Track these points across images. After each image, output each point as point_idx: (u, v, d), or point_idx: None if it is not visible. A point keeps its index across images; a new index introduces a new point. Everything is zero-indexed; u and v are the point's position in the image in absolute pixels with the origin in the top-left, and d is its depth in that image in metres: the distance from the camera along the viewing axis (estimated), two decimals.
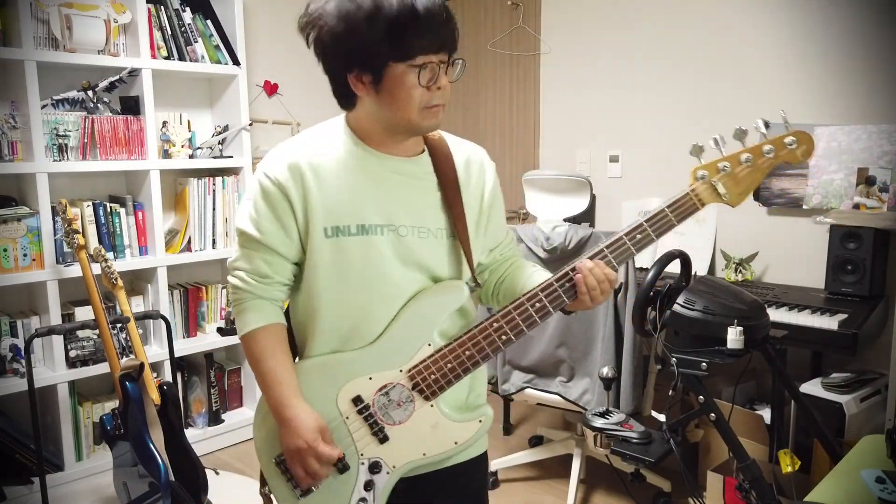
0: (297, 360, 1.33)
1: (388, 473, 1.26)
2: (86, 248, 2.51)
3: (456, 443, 1.27)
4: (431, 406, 1.25)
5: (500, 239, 1.41)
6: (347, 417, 1.25)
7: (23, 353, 2.64)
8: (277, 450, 1.28)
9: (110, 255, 2.86)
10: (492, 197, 1.35)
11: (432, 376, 1.24)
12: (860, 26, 2.61)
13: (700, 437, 2.64)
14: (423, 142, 1.30)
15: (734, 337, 1.82)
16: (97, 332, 2.66)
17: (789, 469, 1.92)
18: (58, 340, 2.72)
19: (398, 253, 1.23)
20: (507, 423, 3.39)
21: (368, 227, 1.22)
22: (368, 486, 1.26)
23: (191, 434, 2.85)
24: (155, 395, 2.33)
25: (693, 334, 1.93)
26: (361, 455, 1.25)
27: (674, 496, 2.64)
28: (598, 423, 2.17)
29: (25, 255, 2.65)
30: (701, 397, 1.89)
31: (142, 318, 2.65)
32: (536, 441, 3.23)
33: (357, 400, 1.25)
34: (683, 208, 1.24)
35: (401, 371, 1.24)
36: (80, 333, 2.75)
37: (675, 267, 2.20)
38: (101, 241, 2.85)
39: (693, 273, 2.18)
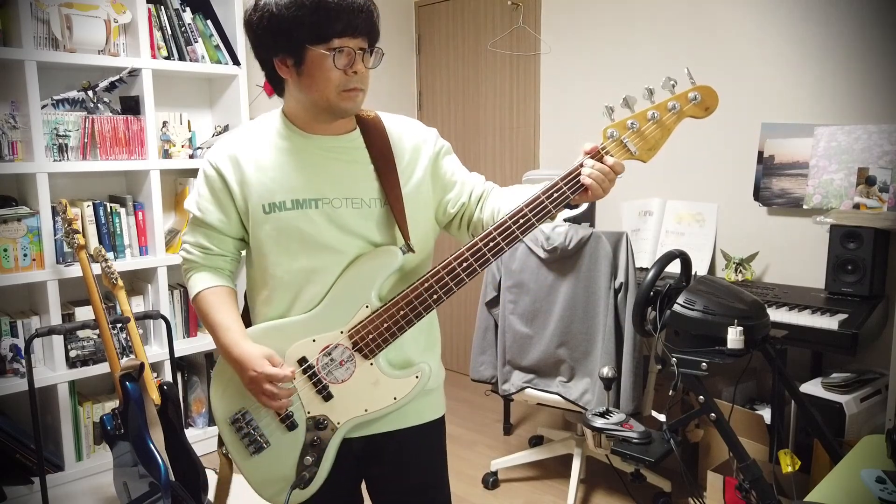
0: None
1: (333, 430, 1.35)
2: (86, 248, 2.51)
3: (395, 398, 1.35)
4: (371, 364, 1.34)
5: (466, 188, 1.46)
6: (294, 377, 1.34)
7: (23, 353, 2.64)
8: (232, 409, 1.39)
9: (110, 255, 2.86)
10: (433, 162, 1.42)
11: (370, 335, 1.32)
12: (860, 26, 2.61)
13: (700, 437, 2.64)
14: (356, 121, 1.39)
15: (734, 337, 1.82)
16: (97, 332, 2.66)
17: (789, 469, 1.92)
18: (58, 340, 2.72)
19: (334, 223, 1.33)
20: (508, 423, 3.39)
21: (302, 202, 1.32)
22: (315, 441, 1.35)
23: (191, 434, 2.85)
24: (155, 395, 2.33)
25: (693, 334, 1.93)
26: (308, 413, 1.35)
27: (674, 496, 2.64)
28: (598, 423, 2.17)
29: (25, 255, 2.65)
30: (701, 397, 1.89)
31: (142, 318, 2.65)
32: (536, 441, 3.23)
33: (302, 360, 1.34)
34: (593, 166, 1.28)
35: (341, 332, 1.33)
36: (81, 333, 2.76)
37: (675, 267, 2.20)
38: (101, 241, 2.85)
39: (693, 273, 2.18)
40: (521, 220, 1.27)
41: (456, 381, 4.04)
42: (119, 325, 2.74)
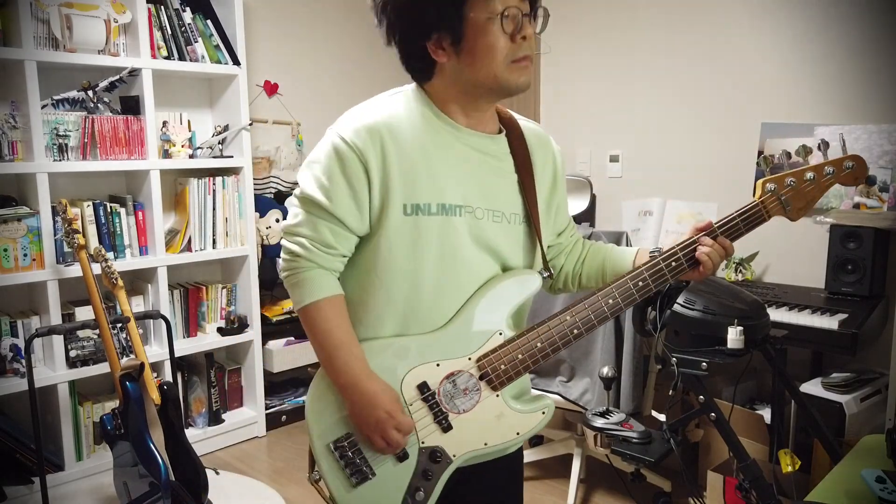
0: None
1: (447, 463, 1.22)
2: (86, 247, 2.51)
3: (518, 433, 1.24)
4: (497, 396, 1.22)
5: (567, 221, 1.39)
6: (411, 404, 1.20)
7: (23, 352, 2.64)
8: (337, 433, 1.21)
9: (110, 254, 2.86)
10: (560, 179, 1.33)
11: (502, 367, 1.20)
12: (860, 26, 2.61)
13: (700, 437, 2.64)
14: (500, 124, 1.26)
15: (734, 337, 1.82)
16: (97, 332, 2.66)
17: (789, 469, 1.92)
18: (58, 340, 2.72)
19: (473, 236, 1.19)
20: None
21: (449, 208, 1.16)
22: (426, 474, 1.21)
23: (191, 434, 2.85)
24: (155, 395, 2.33)
25: (693, 334, 1.93)
26: (423, 443, 1.21)
27: (674, 496, 2.64)
28: (599, 422, 2.17)
29: (25, 254, 2.65)
30: (701, 397, 1.89)
31: (142, 317, 2.65)
32: (536, 441, 3.23)
33: (423, 387, 1.20)
34: (753, 218, 1.27)
35: (469, 359, 1.21)
36: (81, 333, 2.75)
37: None
38: (101, 241, 2.85)
39: None
40: (641, 284, 1.24)
41: None
42: (119, 325, 2.74)
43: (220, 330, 3.24)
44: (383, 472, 1.21)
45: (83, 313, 2.79)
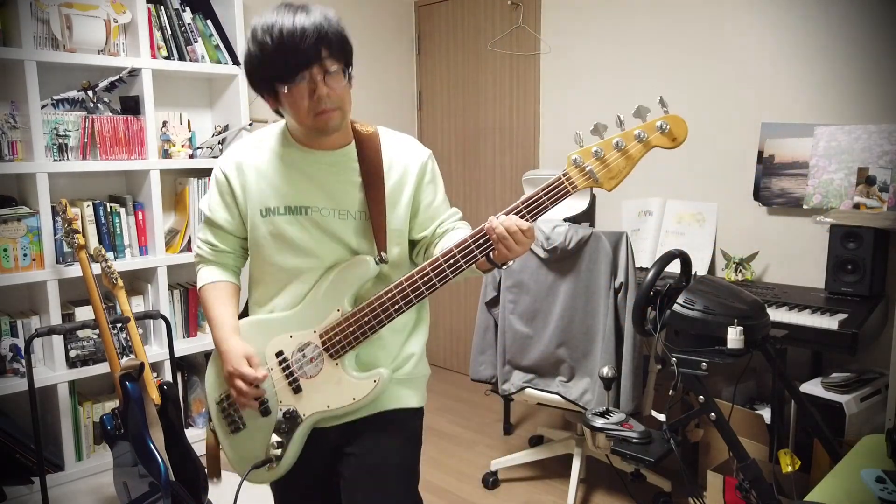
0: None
1: (300, 421, 1.47)
2: (86, 247, 2.51)
3: (353, 398, 1.44)
4: (336, 364, 1.45)
5: (439, 217, 1.55)
6: (272, 368, 1.48)
7: (23, 352, 2.64)
8: (219, 392, 1.55)
9: (110, 254, 2.86)
10: (416, 188, 1.51)
11: (337, 338, 1.44)
12: (860, 26, 2.61)
13: (700, 437, 2.64)
14: (353, 135, 1.49)
15: (734, 337, 1.82)
16: (97, 331, 2.66)
17: (789, 469, 1.92)
18: (58, 340, 2.72)
19: (320, 230, 1.46)
20: (507, 423, 3.39)
21: (294, 209, 1.46)
22: (283, 429, 1.47)
23: (191, 434, 2.85)
24: (155, 395, 2.33)
25: (693, 334, 1.93)
26: (280, 402, 1.48)
27: (674, 496, 2.64)
28: (598, 422, 2.17)
29: (25, 255, 2.65)
30: (701, 397, 1.89)
31: (142, 317, 2.65)
32: (536, 441, 3.23)
33: (279, 353, 1.48)
34: (557, 192, 1.33)
35: (314, 332, 1.46)
36: (80, 333, 2.76)
37: (675, 267, 2.20)
38: (101, 241, 2.85)
39: (693, 273, 2.18)
40: (451, 261, 1.38)
41: (456, 381, 4.04)
42: (119, 325, 2.74)
43: None
44: (252, 424, 1.51)
45: (83, 313, 2.79)
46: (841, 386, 2.35)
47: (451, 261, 1.37)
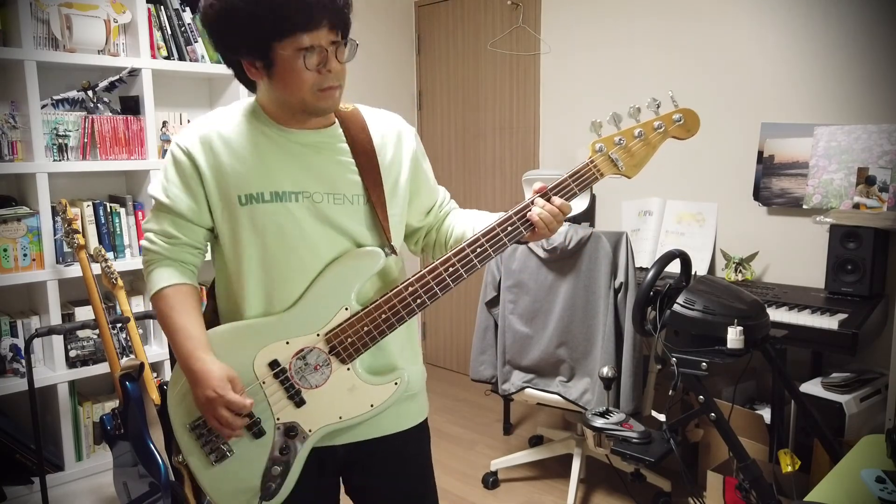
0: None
1: (304, 438, 1.28)
2: (86, 247, 2.51)
3: (372, 405, 1.29)
4: (348, 369, 1.28)
5: (435, 199, 1.46)
6: (264, 382, 1.27)
7: (23, 352, 2.64)
8: (192, 415, 1.29)
9: (110, 254, 2.86)
10: (413, 163, 1.38)
11: (349, 339, 1.26)
12: (860, 26, 2.61)
13: (700, 437, 2.64)
14: (334, 115, 1.32)
15: (734, 337, 1.82)
16: (97, 331, 2.66)
17: (789, 469, 1.92)
18: (58, 340, 2.72)
19: (317, 218, 1.27)
20: (507, 423, 3.39)
21: (282, 194, 1.25)
22: (284, 450, 1.27)
23: None
24: (155, 395, 2.33)
25: (693, 334, 1.93)
26: (277, 419, 1.27)
27: (674, 496, 2.64)
28: (598, 422, 2.17)
29: (25, 255, 2.65)
30: (701, 397, 1.89)
31: (142, 317, 2.65)
32: (536, 441, 3.23)
33: (273, 364, 1.26)
34: (584, 178, 1.32)
35: (318, 335, 1.27)
36: (80, 333, 2.75)
37: (675, 267, 2.20)
38: (101, 241, 2.85)
39: (693, 273, 2.18)
40: (479, 250, 1.28)
41: (456, 381, 4.04)
42: (119, 325, 2.74)
43: None
44: (241, 450, 1.28)
45: (83, 313, 2.78)
46: (841, 386, 2.35)
47: (479, 248, 1.27)
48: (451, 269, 1.27)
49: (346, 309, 1.27)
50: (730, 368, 2.68)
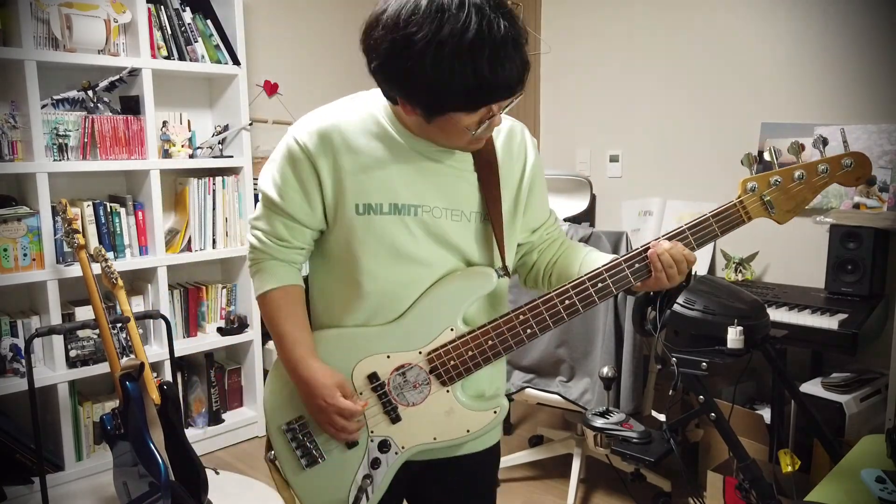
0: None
1: (395, 454, 1.25)
2: (86, 247, 2.51)
3: (468, 430, 1.25)
4: (447, 392, 1.24)
5: (545, 218, 1.38)
6: (361, 393, 1.24)
7: (23, 352, 2.64)
8: (288, 416, 1.27)
9: (110, 254, 2.86)
10: (532, 174, 1.30)
11: (451, 362, 1.22)
12: (860, 26, 2.61)
13: (700, 437, 2.64)
14: None
15: (734, 337, 1.82)
16: (97, 331, 2.66)
17: (789, 469, 1.92)
18: (58, 340, 2.72)
19: (431, 234, 1.21)
20: (507, 423, 3.39)
21: (401, 207, 1.19)
22: (375, 463, 1.25)
23: (191, 434, 2.85)
24: (155, 395, 2.33)
25: (693, 334, 1.93)
26: (371, 432, 1.25)
27: (674, 496, 2.64)
28: (598, 422, 2.17)
29: (25, 254, 2.65)
30: (701, 397, 1.89)
31: (142, 317, 2.65)
32: (536, 441, 3.23)
33: (373, 377, 1.23)
34: (729, 219, 1.22)
35: (420, 353, 1.23)
36: (80, 333, 2.75)
37: None
38: (101, 241, 2.85)
39: (693, 273, 2.18)
40: (600, 285, 1.20)
41: None
42: (119, 325, 2.74)
43: (219, 330, 3.24)
44: (333, 457, 1.26)
45: (83, 313, 2.78)
46: (841, 386, 2.35)
47: (601, 284, 1.19)
48: (567, 302, 1.20)
49: (452, 330, 1.22)
50: (730, 368, 2.68)
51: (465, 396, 1.26)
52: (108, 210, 2.88)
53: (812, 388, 2.38)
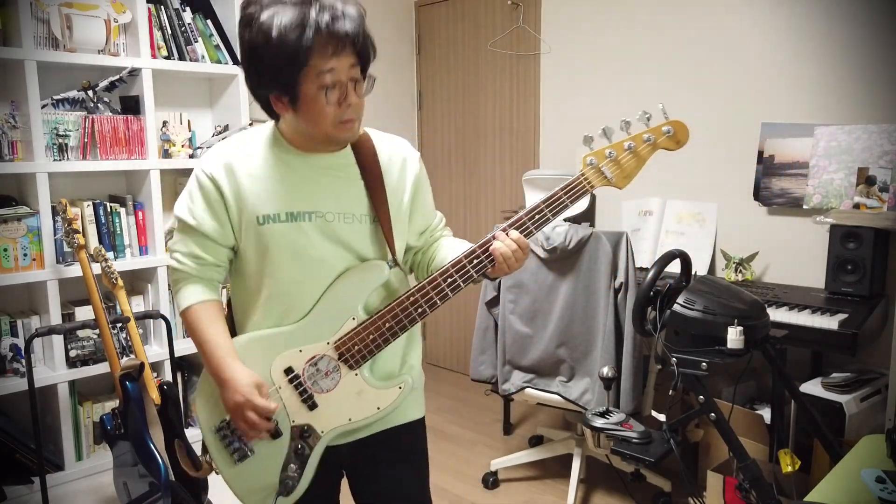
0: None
1: (316, 439, 1.39)
2: (86, 247, 2.51)
3: (378, 408, 1.39)
4: (356, 375, 1.38)
5: (430, 222, 1.54)
6: (280, 387, 1.38)
7: (23, 352, 2.64)
8: (217, 419, 1.42)
9: (110, 254, 2.86)
10: (415, 186, 1.47)
11: (356, 347, 1.36)
12: (860, 26, 2.61)
13: (700, 437, 2.64)
14: None
15: (734, 337, 1.82)
16: (97, 331, 2.66)
17: (789, 469, 1.92)
18: (58, 340, 2.72)
19: (326, 236, 1.36)
20: (507, 423, 3.39)
21: (297, 214, 1.35)
22: (299, 450, 1.39)
23: (191, 434, 2.85)
24: (155, 395, 2.33)
25: (693, 334, 1.93)
26: (293, 422, 1.39)
27: (674, 496, 2.64)
28: (598, 422, 2.17)
29: (25, 254, 2.65)
30: (701, 397, 1.89)
31: (142, 317, 2.65)
32: (536, 441, 3.23)
33: (288, 370, 1.38)
34: (576, 191, 1.38)
35: (328, 343, 1.37)
36: (81, 333, 2.75)
37: (675, 267, 2.20)
38: (101, 241, 2.85)
39: (693, 273, 2.18)
40: (449, 280, 1.36)
41: (456, 381, 4.04)
42: (119, 325, 2.74)
43: None
44: (261, 450, 1.40)
45: (83, 313, 2.79)
46: (841, 386, 2.35)
47: (449, 280, 1.36)
48: (449, 280, 1.36)
49: (354, 319, 1.37)
50: (730, 368, 2.68)
51: (373, 377, 1.40)
52: (108, 210, 2.88)
53: (812, 388, 2.38)
